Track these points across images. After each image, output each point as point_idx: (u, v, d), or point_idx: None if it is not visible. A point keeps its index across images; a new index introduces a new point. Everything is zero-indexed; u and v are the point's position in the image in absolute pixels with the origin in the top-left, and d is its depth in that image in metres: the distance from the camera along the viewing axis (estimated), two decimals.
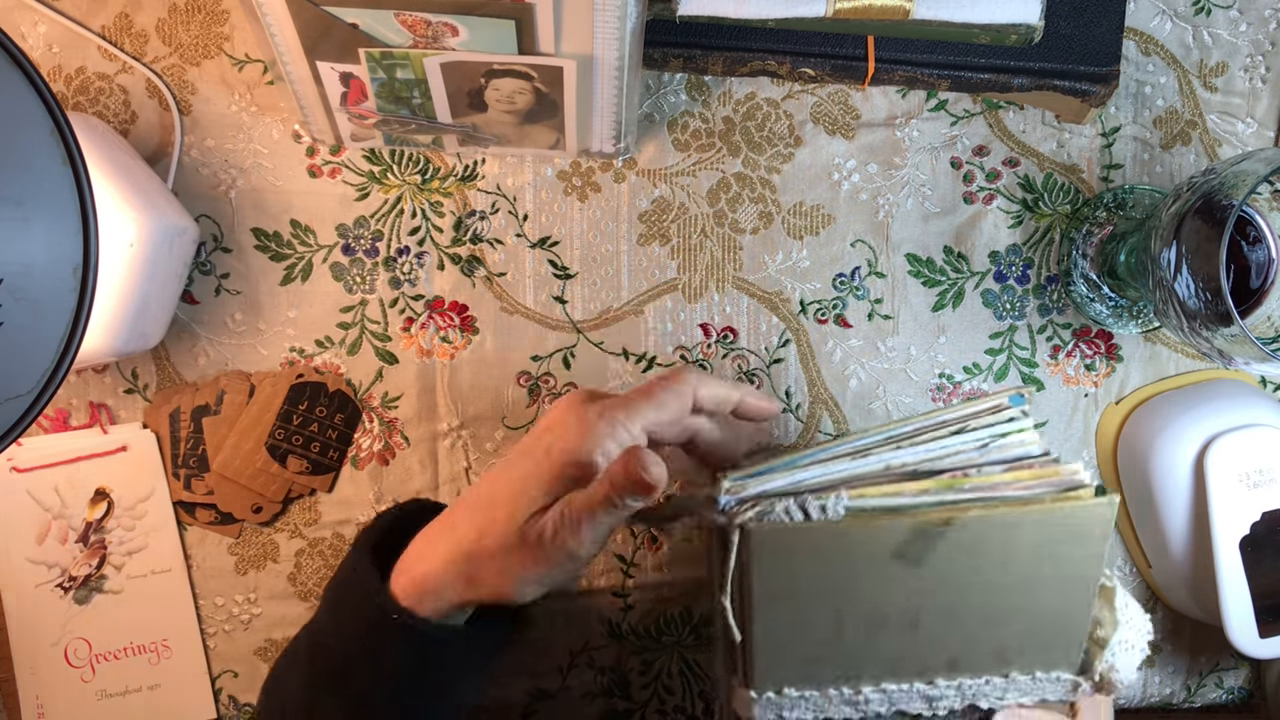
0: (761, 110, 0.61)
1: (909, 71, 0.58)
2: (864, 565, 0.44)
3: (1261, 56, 0.63)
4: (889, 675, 0.48)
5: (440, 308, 0.61)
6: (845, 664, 0.47)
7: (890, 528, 0.43)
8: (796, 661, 0.47)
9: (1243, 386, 0.63)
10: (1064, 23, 0.57)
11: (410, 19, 0.45)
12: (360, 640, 0.47)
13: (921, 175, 0.62)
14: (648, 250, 0.62)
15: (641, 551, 0.64)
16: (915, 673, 0.47)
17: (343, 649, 0.47)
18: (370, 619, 0.46)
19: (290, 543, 0.62)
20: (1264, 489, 0.58)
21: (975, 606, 0.46)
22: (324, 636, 0.49)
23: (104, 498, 0.60)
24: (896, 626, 0.46)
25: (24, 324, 0.39)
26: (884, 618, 0.46)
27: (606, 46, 0.47)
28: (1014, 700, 0.48)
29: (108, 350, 0.51)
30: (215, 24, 0.59)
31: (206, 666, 0.62)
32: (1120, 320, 0.62)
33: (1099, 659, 0.46)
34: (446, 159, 0.60)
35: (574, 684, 0.64)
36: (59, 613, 0.60)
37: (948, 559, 0.44)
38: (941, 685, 0.48)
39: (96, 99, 0.59)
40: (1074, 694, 0.48)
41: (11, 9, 0.58)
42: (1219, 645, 0.61)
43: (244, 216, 0.60)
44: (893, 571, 0.44)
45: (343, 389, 0.61)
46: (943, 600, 0.45)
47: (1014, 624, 0.46)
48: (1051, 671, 0.47)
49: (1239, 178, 0.47)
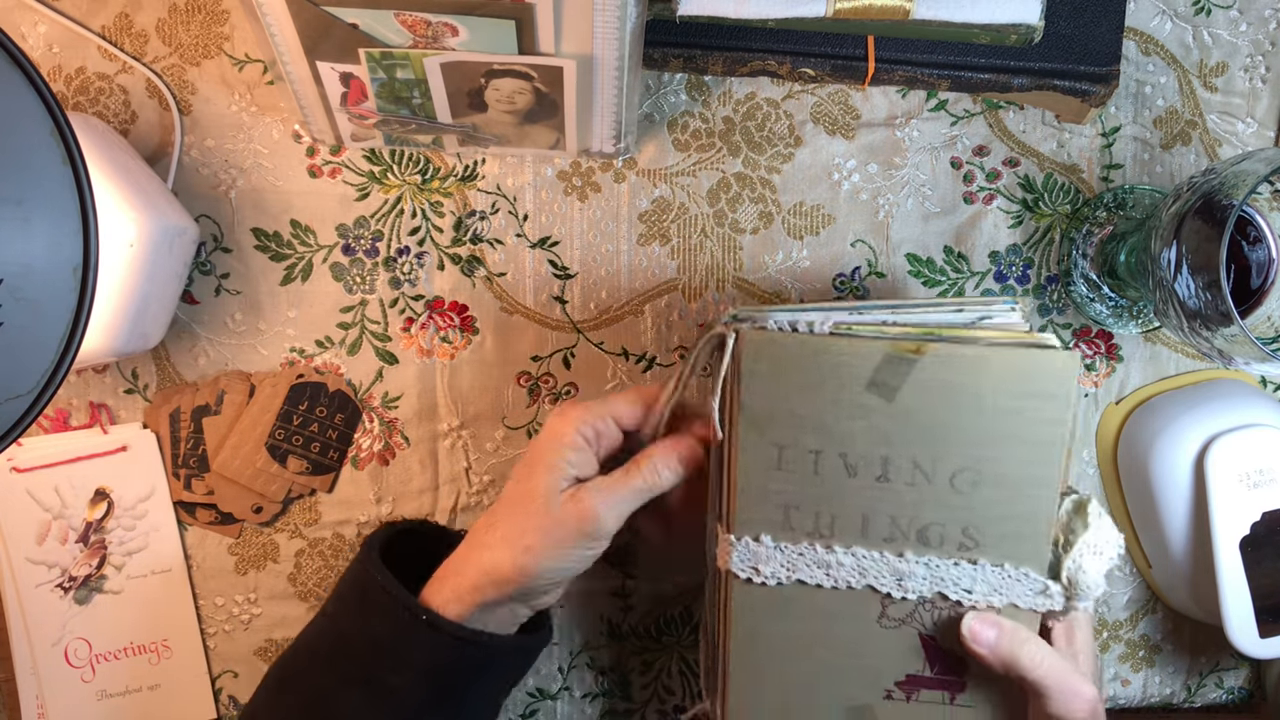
0: (761, 110, 0.61)
1: (909, 71, 0.58)
2: (840, 394, 0.48)
3: (1261, 56, 0.63)
4: (860, 539, 0.50)
5: (440, 308, 0.61)
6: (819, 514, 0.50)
7: (867, 351, 0.47)
8: (774, 506, 0.50)
9: (1243, 386, 0.63)
10: (1064, 23, 0.57)
11: (410, 19, 0.45)
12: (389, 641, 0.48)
13: (921, 175, 0.62)
14: (648, 250, 0.62)
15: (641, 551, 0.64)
16: (884, 539, 0.50)
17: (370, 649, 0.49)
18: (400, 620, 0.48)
19: (290, 543, 0.62)
20: (1264, 489, 0.58)
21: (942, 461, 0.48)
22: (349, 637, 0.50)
23: (104, 498, 0.60)
24: (866, 476, 0.49)
25: (24, 324, 0.39)
26: (855, 465, 0.49)
27: (606, 46, 0.47)
28: (983, 596, 0.49)
29: (108, 350, 0.51)
30: (215, 24, 0.59)
31: (206, 666, 0.62)
32: (1120, 320, 0.62)
33: (1067, 559, 0.48)
34: (446, 159, 0.60)
35: (574, 684, 0.64)
36: (59, 613, 0.60)
37: (918, 395, 0.48)
38: (910, 559, 0.50)
39: (96, 99, 0.59)
40: (1045, 598, 0.49)
41: (11, 9, 0.58)
42: (1219, 645, 0.61)
43: (244, 216, 0.60)
44: (866, 404, 0.48)
45: (343, 389, 0.61)
46: (911, 451, 0.48)
47: (981, 494, 0.48)
48: (1020, 567, 0.49)
49: (1239, 178, 0.47)
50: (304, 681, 0.50)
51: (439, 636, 0.48)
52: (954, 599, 0.50)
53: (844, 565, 0.51)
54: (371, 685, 0.48)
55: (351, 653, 0.49)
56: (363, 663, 0.49)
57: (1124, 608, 0.65)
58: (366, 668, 0.48)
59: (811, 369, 0.49)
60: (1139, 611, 0.65)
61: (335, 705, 0.48)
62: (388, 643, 0.48)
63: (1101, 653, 0.65)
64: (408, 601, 0.48)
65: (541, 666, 0.64)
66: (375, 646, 0.48)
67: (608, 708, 0.64)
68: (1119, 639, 0.65)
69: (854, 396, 0.48)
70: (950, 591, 0.50)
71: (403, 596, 0.48)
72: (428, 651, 0.48)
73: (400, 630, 0.48)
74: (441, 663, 0.48)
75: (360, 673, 0.48)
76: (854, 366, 0.48)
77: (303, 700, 0.50)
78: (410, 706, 0.48)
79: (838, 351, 0.48)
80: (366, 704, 0.48)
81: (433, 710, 0.49)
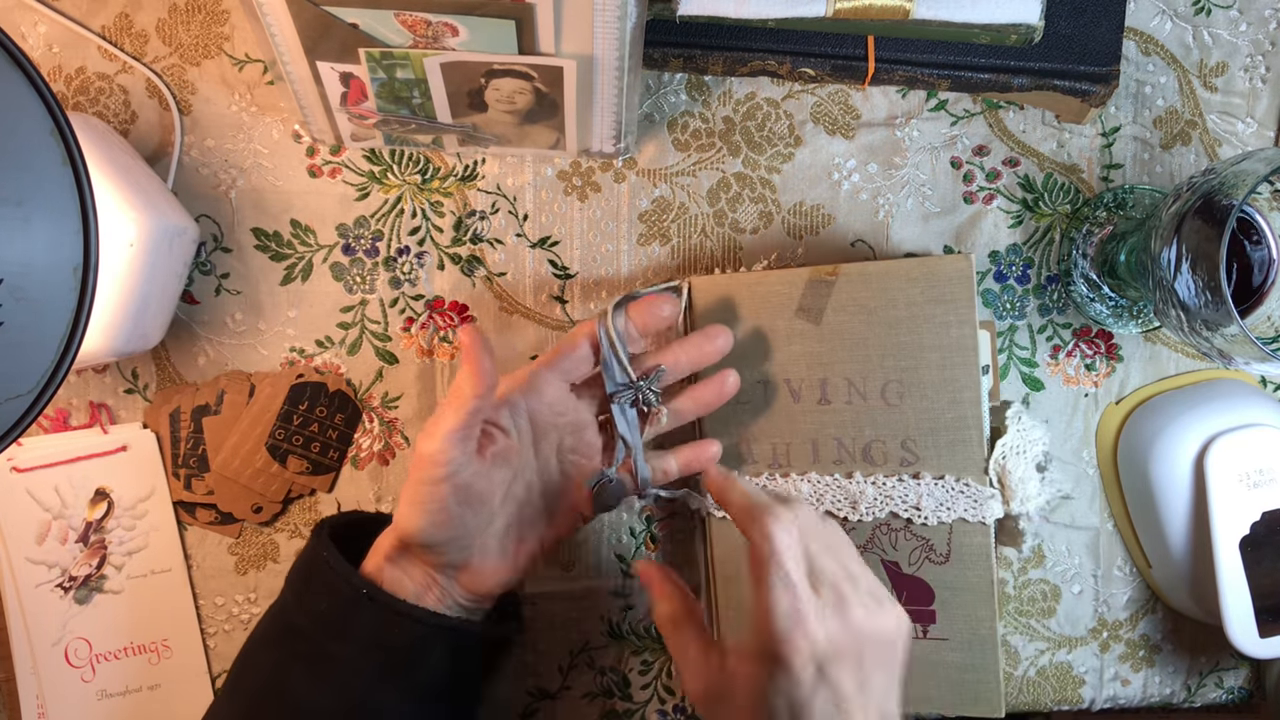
0: (761, 110, 0.61)
1: (909, 71, 0.58)
2: (775, 322, 0.55)
3: (1261, 56, 0.63)
4: (813, 464, 0.56)
5: (440, 308, 0.61)
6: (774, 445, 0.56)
7: (792, 278, 0.55)
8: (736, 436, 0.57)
9: (1243, 386, 0.63)
10: (1064, 23, 0.57)
11: (410, 19, 0.45)
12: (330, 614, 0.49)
13: (921, 175, 0.62)
14: (648, 250, 0.62)
15: (642, 551, 0.64)
16: (834, 461, 0.55)
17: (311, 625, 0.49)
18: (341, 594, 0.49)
19: (290, 543, 0.62)
20: (1264, 489, 0.58)
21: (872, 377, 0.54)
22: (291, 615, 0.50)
23: (104, 498, 0.60)
24: (809, 400, 0.55)
25: (24, 324, 0.39)
26: (798, 390, 0.55)
27: (606, 46, 0.47)
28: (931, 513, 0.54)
29: (108, 350, 0.51)
30: (215, 24, 0.59)
31: (206, 666, 0.62)
32: (1120, 320, 0.62)
33: (990, 462, 0.54)
34: (446, 159, 0.60)
35: (574, 684, 0.64)
36: (59, 613, 0.60)
37: (840, 316, 0.54)
38: (859, 480, 0.55)
39: (96, 99, 0.59)
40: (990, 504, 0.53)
41: (11, 9, 0.58)
42: (1219, 645, 0.61)
43: (244, 216, 0.60)
44: (798, 329, 0.55)
45: (343, 389, 0.61)
46: (844, 370, 0.54)
47: (911, 404, 0.54)
48: (961, 478, 0.54)
49: (1239, 178, 0.47)
50: (255, 671, 0.50)
51: (376, 608, 0.48)
52: (905, 517, 0.55)
53: (801, 492, 0.56)
54: (318, 659, 0.48)
55: (298, 632, 0.49)
56: (310, 639, 0.49)
57: (1124, 608, 0.65)
58: (312, 643, 0.49)
59: (749, 303, 0.55)
60: (1139, 611, 0.65)
61: (285, 685, 0.49)
62: (331, 616, 0.49)
63: (1101, 653, 0.65)
64: (349, 575, 0.49)
65: (541, 666, 0.64)
66: (319, 622, 0.49)
67: (608, 708, 0.64)
68: (1119, 639, 0.65)
69: (787, 324, 0.55)
70: (900, 509, 0.55)
71: (344, 570, 0.49)
72: (369, 624, 0.48)
73: (343, 604, 0.48)
74: (384, 636, 0.48)
75: (306, 648, 0.49)
76: (783, 294, 0.55)
77: (256, 687, 0.50)
78: (357, 679, 0.49)
79: (769, 283, 0.55)
80: (314, 678, 0.48)
81: (381, 684, 0.49)
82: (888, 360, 0.54)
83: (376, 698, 0.49)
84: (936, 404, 0.53)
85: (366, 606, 0.48)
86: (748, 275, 0.56)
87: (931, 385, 0.53)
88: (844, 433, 0.55)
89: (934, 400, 0.53)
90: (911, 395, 0.54)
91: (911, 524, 0.55)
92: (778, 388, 0.55)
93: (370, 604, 0.48)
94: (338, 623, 0.49)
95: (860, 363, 0.54)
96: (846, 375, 0.54)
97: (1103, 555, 0.65)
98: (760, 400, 0.56)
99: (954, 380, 0.53)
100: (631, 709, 0.64)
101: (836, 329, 0.54)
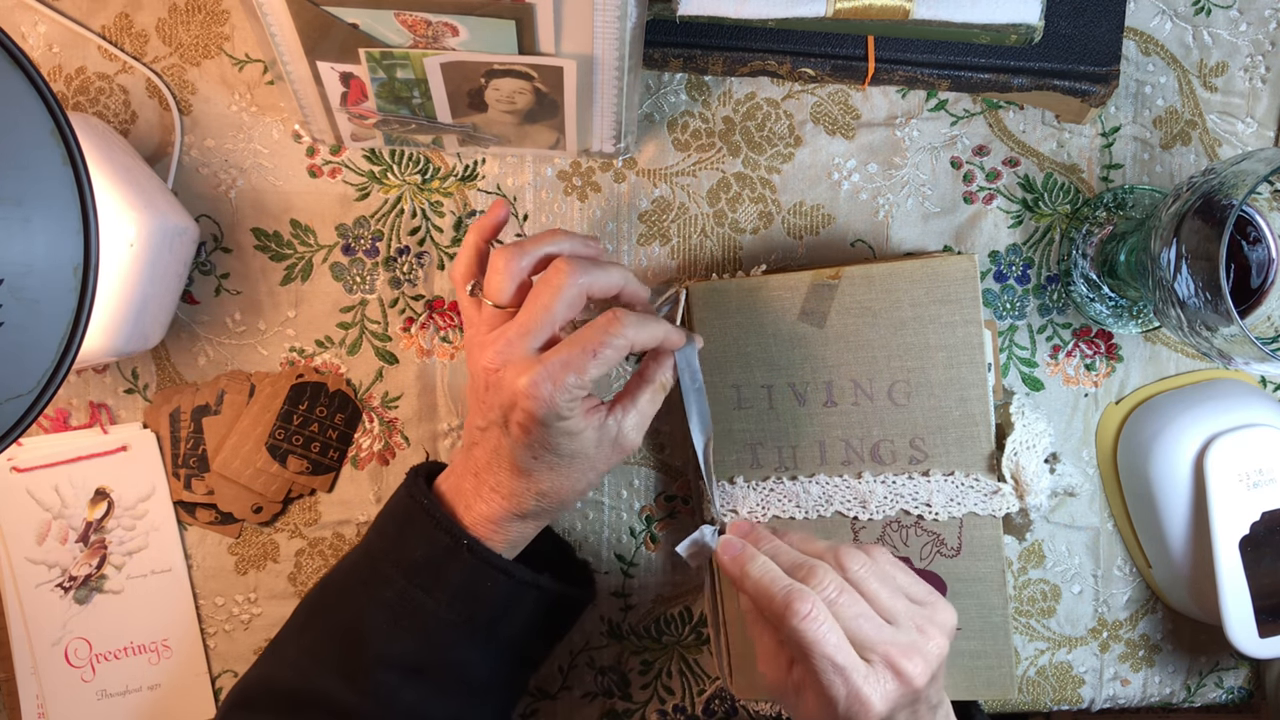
0: (761, 110, 0.61)
1: (909, 71, 0.58)
2: (779, 327, 0.55)
3: (1261, 56, 0.63)
4: (821, 465, 0.56)
5: (440, 308, 0.61)
6: (781, 449, 0.56)
7: (794, 283, 0.54)
8: (741, 446, 0.56)
9: (1243, 386, 0.63)
10: (1064, 23, 0.57)
11: (410, 19, 0.45)
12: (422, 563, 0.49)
13: (921, 175, 0.62)
14: (648, 250, 0.62)
15: (642, 551, 0.64)
16: (842, 462, 0.55)
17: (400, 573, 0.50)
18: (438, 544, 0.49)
19: (290, 543, 0.62)
20: (1264, 489, 0.58)
21: (878, 378, 0.54)
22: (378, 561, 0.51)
23: (104, 498, 0.60)
24: (814, 403, 0.55)
25: (24, 324, 0.39)
26: (803, 394, 0.55)
27: (606, 46, 0.47)
28: (942, 508, 0.54)
29: (108, 350, 0.51)
30: (215, 24, 0.59)
31: (206, 666, 0.62)
32: (1120, 320, 0.62)
33: (1004, 459, 0.54)
34: (446, 159, 0.60)
35: (574, 684, 0.64)
36: (59, 613, 0.60)
37: (844, 319, 0.54)
38: (869, 479, 0.55)
39: (96, 99, 0.59)
40: (999, 499, 0.54)
41: (11, 9, 0.58)
42: (1219, 645, 0.62)
43: (244, 216, 0.60)
44: (802, 333, 0.54)
45: (343, 389, 0.61)
46: (850, 372, 0.54)
47: (919, 403, 0.54)
48: (970, 474, 0.54)
49: (1239, 178, 0.47)
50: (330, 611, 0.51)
51: (473, 561, 0.49)
52: (915, 514, 0.55)
53: (810, 494, 0.56)
54: (403, 606, 0.49)
55: (384, 577, 0.50)
56: (396, 587, 0.49)
57: (1124, 608, 0.65)
58: (398, 590, 0.49)
59: (750, 309, 0.55)
60: (1139, 611, 0.65)
61: (363, 628, 0.49)
62: (423, 564, 0.49)
63: (1101, 653, 0.65)
64: (449, 526, 0.49)
65: (541, 666, 0.64)
66: (410, 569, 0.49)
67: (608, 708, 0.64)
68: (1119, 639, 0.65)
69: (791, 328, 0.55)
70: (910, 507, 0.55)
71: (445, 521, 0.49)
72: (462, 575, 0.49)
73: (439, 553, 0.49)
74: (474, 588, 0.49)
75: (392, 595, 0.49)
76: (785, 299, 0.55)
77: (332, 626, 0.50)
78: (439, 629, 0.49)
79: (770, 287, 0.55)
80: (396, 625, 0.49)
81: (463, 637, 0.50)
82: (894, 361, 0.54)
83: (458, 649, 0.50)
84: (944, 402, 0.54)
85: (463, 558, 0.49)
86: (747, 280, 0.56)
87: (939, 384, 0.54)
88: (851, 434, 0.55)
89: (941, 399, 0.54)
90: (919, 394, 0.54)
91: (922, 520, 0.55)
92: (782, 392, 0.55)
93: (469, 555, 0.49)
94: (429, 571, 0.49)
95: (866, 364, 0.54)
96: (852, 377, 0.54)
97: (1103, 555, 0.65)
98: (764, 405, 0.56)
99: (961, 378, 0.53)
100: (631, 709, 0.64)
101: (841, 332, 0.54)
